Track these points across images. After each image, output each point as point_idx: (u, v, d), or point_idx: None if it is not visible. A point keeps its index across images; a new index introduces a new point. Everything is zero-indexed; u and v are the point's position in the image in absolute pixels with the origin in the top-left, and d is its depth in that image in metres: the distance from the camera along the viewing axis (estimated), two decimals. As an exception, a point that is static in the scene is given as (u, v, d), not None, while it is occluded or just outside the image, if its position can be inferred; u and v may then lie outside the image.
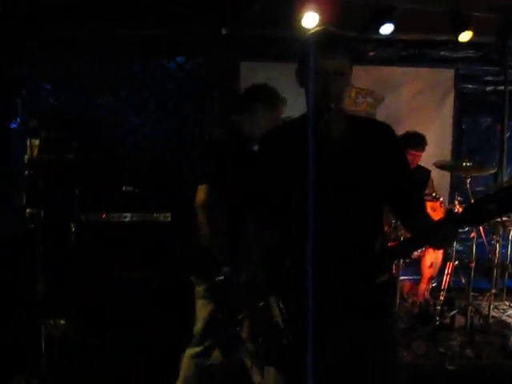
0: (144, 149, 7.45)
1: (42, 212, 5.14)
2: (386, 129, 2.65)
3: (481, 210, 2.23)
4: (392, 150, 2.60)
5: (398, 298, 5.51)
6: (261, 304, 2.61)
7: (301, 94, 2.58)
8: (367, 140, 2.55)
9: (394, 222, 5.53)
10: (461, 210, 4.58)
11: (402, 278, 5.72)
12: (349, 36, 6.85)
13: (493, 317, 6.03)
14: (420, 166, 6.55)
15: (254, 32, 7.05)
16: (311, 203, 2.37)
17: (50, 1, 6.35)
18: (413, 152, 6.09)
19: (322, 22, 5.84)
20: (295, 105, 2.69)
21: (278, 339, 2.52)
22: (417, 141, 6.20)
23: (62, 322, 5.42)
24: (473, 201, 2.29)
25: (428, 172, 6.53)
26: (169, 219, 5.74)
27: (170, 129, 7.53)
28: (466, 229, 5.79)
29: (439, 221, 2.44)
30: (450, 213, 2.43)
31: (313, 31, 2.61)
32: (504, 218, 6.11)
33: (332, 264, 2.43)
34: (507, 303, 6.68)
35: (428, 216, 2.67)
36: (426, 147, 6.40)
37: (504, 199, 2.19)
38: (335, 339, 2.51)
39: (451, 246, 5.66)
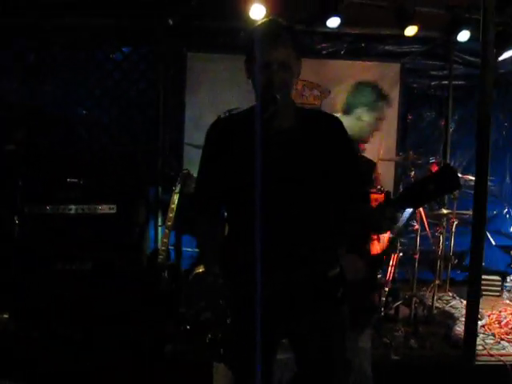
0: (89, 140, 7.35)
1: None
2: (334, 121, 2.66)
3: (421, 191, 2.25)
4: (340, 142, 2.61)
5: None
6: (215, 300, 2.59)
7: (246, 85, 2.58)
8: (315, 131, 2.55)
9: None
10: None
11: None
12: (296, 29, 6.88)
13: (436, 307, 6.14)
14: (365, 157, 6.59)
15: (201, 23, 7.00)
16: (258, 194, 2.36)
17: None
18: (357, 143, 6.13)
19: (268, 14, 5.84)
20: (243, 96, 2.67)
21: (226, 335, 2.51)
22: None
23: (6, 316, 5.32)
24: (412, 182, 2.31)
25: (373, 164, 6.57)
26: (114, 211, 5.68)
27: (115, 119, 7.44)
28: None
29: (380, 203, 2.47)
30: (388, 195, 2.45)
31: (259, 22, 2.61)
32: (447, 211, 6.21)
33: (282, 257, 2.44)
34: (450, 294, 6.81)
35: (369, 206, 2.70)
36: (372, 140, 6.44)
37: (442, 179, 2.21)
38: (285, 333, 2.51)
39: (392, 228, 5.71)
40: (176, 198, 5.60)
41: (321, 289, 2.55)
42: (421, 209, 5.82)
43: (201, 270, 5.15)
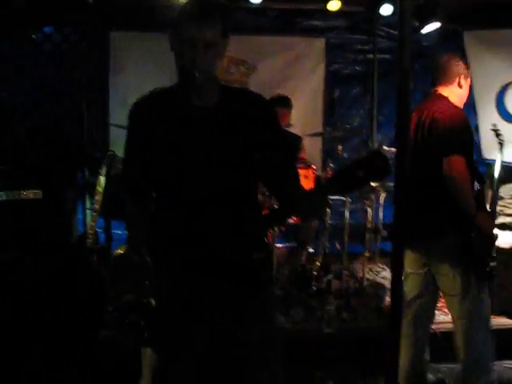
0: (12, 124, 7.17)
1: None
2: (260, 100, 2.62)
3: (349, 178, 2.24)
4: (265, 121, 2.57)
5: (275, 266, 5.57)
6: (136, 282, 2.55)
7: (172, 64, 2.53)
8: (240, 110, 2.51)
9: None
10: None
11: (278, 245, 5.77)
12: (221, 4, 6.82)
13: (367, 279, 6.21)
14: (290, 132, 6.64)
15: (122, 1, 6.88)
16: (182, 175, 2.32)
17: None
18: (278, 109, 6.17)
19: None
20: (170, 75, 2.61)
21: (150, 318, 2.47)
22: (280, 99, 6.31)
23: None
24: (341, 168, 2.29)
25: (299, 138, 6.60)
26: (40, 196, 5.56)
27: (38, 102, 7.28)
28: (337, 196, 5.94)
29: (308, 192, 2.45)
30: (318, 182, 2.44)
31: None
32: (375, 184, 6.27)
33: (207, 239, 2.40)
34: (380, 265, 6.89)
35: (300, 188, 2.66)
36: (299, 115, 6.49)
37: (372, 165, 2.20)
38: (211, 316, 2.49)
39: (323, 215, 5.76)
40: (102, 180, 5.51)
41: (246, 271, 2.53)
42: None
43: (121, 250, 5.08)
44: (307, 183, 5.46)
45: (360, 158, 2.22)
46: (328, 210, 5.77)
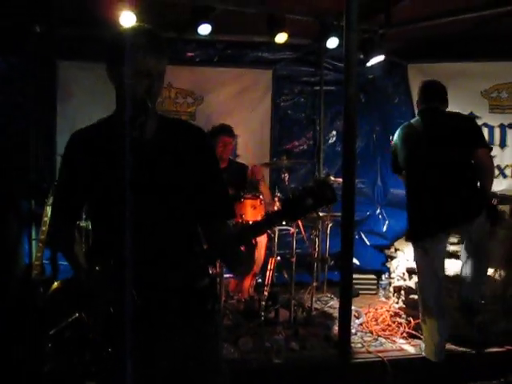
0: None
1: None
2: (197, 131, 2.65)
3: (298, 205, 2.27)
4: (202, 152, 2.59)
5: (222, 296, 5.56)
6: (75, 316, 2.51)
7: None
8: (177, 141, 2.54)
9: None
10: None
11: (226, 275, 5.76)
12: (168, 36, 6.86)
13: (315, 309, 6.24)
14: (236, 162, 6.68)
15: (70, 31, 6.85)
16: (120, 207, 2.32)
17: None
18: (223, 138, 6.22)
19: (138, 21, 5.77)
20: (113, 104, 2.62)
21: (95, 353, 2.44)
22: (223, 128, 6.34)
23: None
24: (290, 196, 2.33)
25: (245, 167, 6.63)
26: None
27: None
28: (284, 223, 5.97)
29: (257, 222, 2.48)
30: (266, 215, 2.45)
31: (129, 27, 2.57)
32: (322, 214, 6.34)
33: (147, 271, 2.36)
34: (328, 295, 6.94)
35: (229, 228, 2.70)
36: (246, 146, 6.53)
37: (319, 193, 2.25)
38: (156, 350, 2.46)
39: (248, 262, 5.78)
40: (49, 210, 5.45)
41: (189, 301, 2.52)
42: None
43: (56, 285, 5.01)
44: (255, 213, 5.49)
45: (308, 186, 2.26)
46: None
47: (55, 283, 2.77)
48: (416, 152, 5.04)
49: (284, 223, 5.79)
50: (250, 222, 5.15)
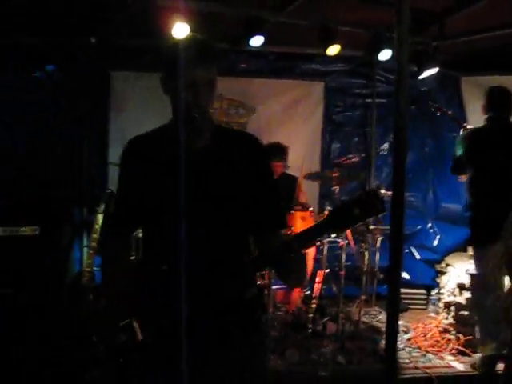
0: (10, 161, 7.19)
1: None
2: (252, 140, 2.64)
3: (345, 215, 2.25)
4: (256, 162, 2.58)
5: (270, 307, 5.56)
6: (122, 324, 2.52)
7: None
8: (232, 151, 2.53)
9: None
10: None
11: (274, 287, 5.75)
12: (220, 47, 6.91)
13: (363, 322, 6.20)
14: (287, 173, 6.67)
15: (124, 42, 6.95)
16: (174, 215, 2.33)
17: None
18: (273, 163, 6.19)
19: (192, 32, 5.82)
20: (169, 115, 2.65)
21: (139, 360, 2.45)
22: (275, 151, 6.32)
23: None
24: (337, 206, 2.31)
25: (295, 179, 6.63)
26: (38, 232, 5.57)
27: (37, 140, 7.30)
28: (334, 236, 5.95)
29: (285, 240, 2.46)
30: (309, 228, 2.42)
31: (182, 38, 2.59)
32: (372, 227, 6.29)
33: (199, 280, 2.36)
34: (377, 309, 6.88)
35: (281, 238, 2.66)
36: (296, 157, 6.51)
37: (367, 203, 2.22)
38: (202, 360, 2.46)
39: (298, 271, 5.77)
40: (100, 218, 5.53)
41: (239, 310, 2.52)
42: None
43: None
44: (304, 225, 5.47)
45: (356, 196, 2.24)
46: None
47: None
48: (486, 157, 5.08)
49: (334, 235, 5.87)
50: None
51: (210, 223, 2.47)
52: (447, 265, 7.34)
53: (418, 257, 8.04)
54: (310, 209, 5.93)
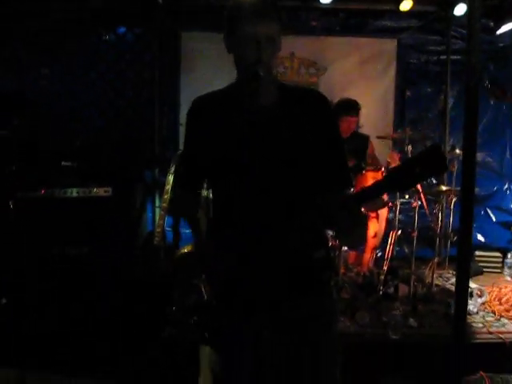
0: (83, 122, 7.31)
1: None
2: (318, 98, 2.57)
3: (406, 174, 2.15)
4: (323, 120, 2.52)
5: (341, 269, 5.52)
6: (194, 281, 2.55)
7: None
8: (298, 109, 2.48)
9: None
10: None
11: (345, 248, 5.70)
12: (291, 5, 6.82)
13: (436, 285, 6.10)
14: (358, 132, 6.57)
15: (192, 1, 6.94)
16: (241, 175, 2.31)
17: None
18: (347, 118, 6.12)
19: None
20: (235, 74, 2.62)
21: (211, 318, 2.47)
22: (349, 106, 6.24)
23: (4, 301, 5.30)
24: (397, 165, 2.22)
25: (367, 137, 6.53)
26: (110, 194, 5.64)
27: (109, 101, 7.40)
28: (407, 196, 5.84)
29: (363, 189, 2.39)
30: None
31: None
32: (445, 188, 6.15)
33: (267, 238, 2.36)
34: (450, 271, 6.77)
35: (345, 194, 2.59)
36: (369, 116, 6.40)
37: (428, 161, 2.12)
38: (271, 318, 2.46)
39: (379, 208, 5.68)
40: (171, 178, 5.55)
41: (306, 271, 2.48)
42: (419, 185, 5.74)
43: (186, 250, 5.11)
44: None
45: (416, 155, 2.14)
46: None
47: (183, 249, 2.84)
48: None
49: (407, 196, 5.78)
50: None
51: (278, 182, 2.44)
52: (525, 227, 7.16)
53: (494, 219, 7.85)
54: (382, 169, 5.82)
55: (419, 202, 5.93)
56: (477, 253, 7.25)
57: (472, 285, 5.54)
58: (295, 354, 2.51)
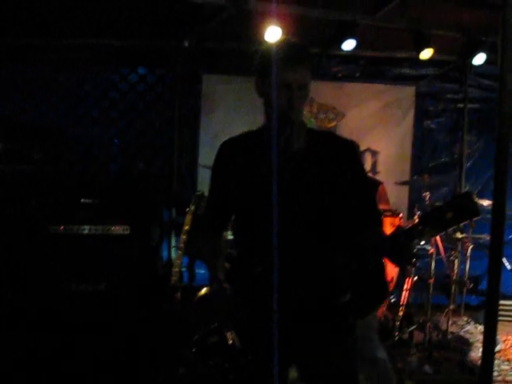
0: (104, 160, 7.39)
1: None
2: (346, 144, 2.63)
3: (439, 218, 2.20)
4: (351, 166, 2.57)
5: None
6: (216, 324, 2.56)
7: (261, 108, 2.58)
8: (326, 154, 2.53)
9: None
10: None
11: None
12: (313, 51, 6.90)
13: (451, 332, 6.05)
14: (371, 177, 6.59)
15: (217, 45, 7.04)
16: (269, 218, 2.33)
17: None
18: None
19: (284, 36, 5.83)
20: (258, 119, 2.67)
21: (235, 360, 2.47)
22: None
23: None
24: (430, 209, 2.26)
25: (378, 183, 6.52)
26: (128, 232, 5.67)
27: (129, 140, 7.47)
28: (423, 243, 5.83)
29: (394, 235, 2.42)
30: (399, 229, 2.39)
31: (277, 41, 2.59)
32: (462, 235, 6.16)
33: (292, 282, 2.39)
34: (465, 319, 6.72)
35: (382, 233, 2.61)
36: (386, 162, 6.44)
37: (461, 207, 2.16)
38: (296, 359, 2.47)
39: (410, 261, 5.66)
40: (189, 219, 5.58)
41: (331, 315, 2.51)
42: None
43: (203, 291, 5.12)
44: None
45: (450, 200, 2.19)
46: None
47: (202, 290, 2.85)
48: None
49: (423, 242, 5.78)
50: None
51: (305, 226, 2.47)
52: (539, 276, 7.11)
53: (508, 267, 7.81)
54: (400, 215, 5.85)
55: (435, 249, 5.94)
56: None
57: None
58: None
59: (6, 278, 5.02)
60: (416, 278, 6.06)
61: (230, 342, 2.48)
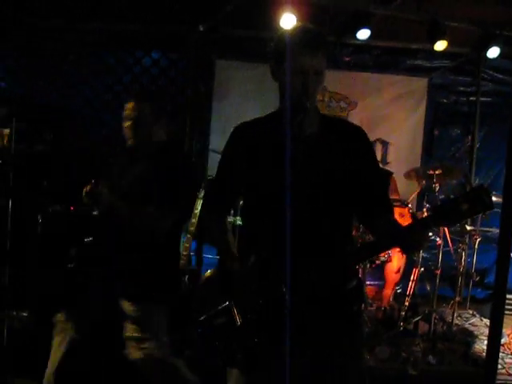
0: (115, 142, 7.40)
1: (10, 202, 5.07)
2: (357, 130, 2.66)
3: (453, 210, 2.23)
4: (363, 151, 2.60)
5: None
6: (224, 304, 2.58)
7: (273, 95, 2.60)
8: (338, 139, 2.56)
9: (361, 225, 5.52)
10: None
11: (367, 282, 5.72)
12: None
13: (456, 324, 6.07)
14: (381, 167, 6.58)
15: (231, 31, 7.04)
16: (280, 202, 2.35)
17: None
18: None
19: (299, 24, 5.83)
20: (269, 105, 2.69)
21: (242, 340, 2.50)
22: None
23: (25, 314, 5.35)
24: (446, 200, 2.29)
25: (389, 174, 6.53)
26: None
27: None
28: (432, 236, 5.84)
29: (410, 224, 2.44)
30: (414, 216, 2.43)
31: (295, 27, 2.60)
32: (470, 227, 6.17)
33: (299, 267, 2.40)
34: (470, 311, 6.74)
35: (395, 220, 2.64)
36: (397, 153, 6.43)
37: (476, 199, 2.20)
38: (301, 343, 2.48)
39: (424, 249, 5.68)
40: (199, 203, 5.60)
41: (337, 301, 2.54)
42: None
43: (209, 273, 5.14)
44: (403, 222, 5.40)
45: (465, 192, 2.22)
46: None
47: (208, 271, 2.87)
48: None
49: (430, 234, 5.78)
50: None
51: (316, 211, 2.50)
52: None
53: (513, 260, 7.82)
54: (409, 205, 5.86)
55: (443, 241, 5.95)
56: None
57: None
58: (323, 379, 2.55)
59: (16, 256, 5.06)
60: (423, 268, 6.07)
61: (239, 322, 2.51)
